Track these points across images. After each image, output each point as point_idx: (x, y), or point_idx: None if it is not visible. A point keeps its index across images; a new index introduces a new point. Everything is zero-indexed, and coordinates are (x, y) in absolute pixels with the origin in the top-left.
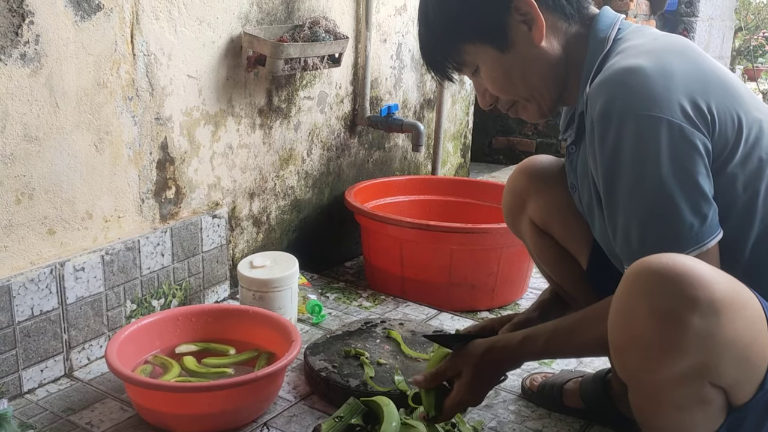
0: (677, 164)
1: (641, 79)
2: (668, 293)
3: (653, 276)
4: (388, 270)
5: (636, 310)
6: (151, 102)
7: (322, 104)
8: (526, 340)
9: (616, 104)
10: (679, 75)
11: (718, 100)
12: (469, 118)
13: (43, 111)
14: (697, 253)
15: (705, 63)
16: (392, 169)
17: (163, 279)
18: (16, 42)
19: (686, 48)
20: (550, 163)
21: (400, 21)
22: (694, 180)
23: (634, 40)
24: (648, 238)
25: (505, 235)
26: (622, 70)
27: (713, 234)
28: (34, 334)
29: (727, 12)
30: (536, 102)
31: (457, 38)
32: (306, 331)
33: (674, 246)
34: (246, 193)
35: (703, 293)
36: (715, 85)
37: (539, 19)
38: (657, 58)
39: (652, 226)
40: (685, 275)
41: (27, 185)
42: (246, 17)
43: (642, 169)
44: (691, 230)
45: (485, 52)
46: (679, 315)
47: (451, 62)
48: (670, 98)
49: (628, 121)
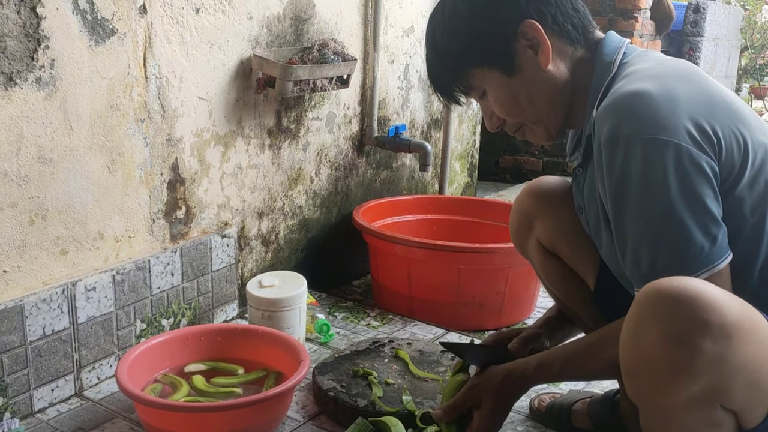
0: (685, 187)
1: (647, 103)
2: (680, 317)
3: (665, 299)
4: (395, 289)
5: (647, 333)
6: (163, 124)
7: (331, 125)
8: (541, 366)
9: (623, 128)
10: (685, 99)
11: (723, 123)
12: (476, 137)
13: (57, 133)
14: (707, 275)
15: (710, 86)
16: (400, 188)
17: (173, 298)
18: (32, 66)
19: (691, 72)
20: (557, 184)
21: (407, 42)
22: (703, 202)
23: (640, 64)
24: (658, 260)
25: (512, 254)
26: (628, 94)
27: (723, 255)
28: (46, 354)
29: (732, 31)
30: (543, 125)
31: (465, 62)
32: (314, 351)
33: (685, 268)
34: (255, 213)
35: (715, 317)
36: (720, 108)
37: (545, 43)
38: (662, 82)
39: (662, 249)
40: (697, 298)
41: (41, 206)
42: (256, 40)
43: (650, 193)
44: (701, 252)
45: (492, 76)
46: (691, 339)
47: (458, 86)
48: (676, 122)
49: (635, 145)
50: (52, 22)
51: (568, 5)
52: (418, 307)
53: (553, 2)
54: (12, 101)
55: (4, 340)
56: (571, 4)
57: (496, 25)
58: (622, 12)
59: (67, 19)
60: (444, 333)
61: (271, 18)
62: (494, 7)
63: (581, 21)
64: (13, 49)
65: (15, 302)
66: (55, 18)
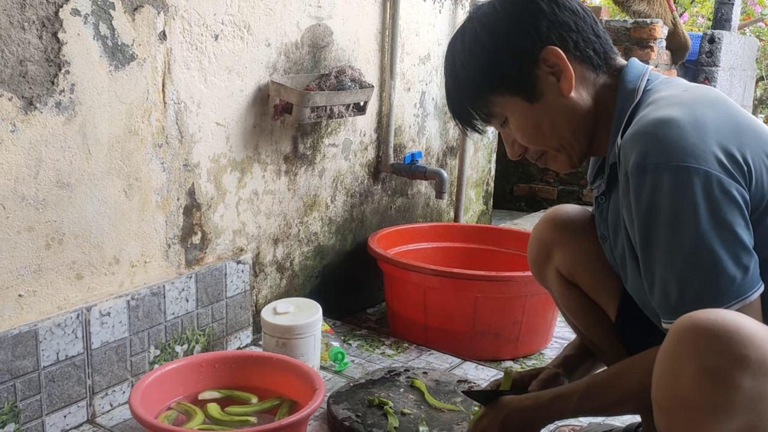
0: (715, 215)
1: (675, 131)
2: (718, 351)
3: (702, 333)
4: (411, 317)
5: (683, 369)
6: (180, 149)
7: (347, 151)
8: (557, 398)
9: (651, 156)
10: (713, 126)
11: (753, 150)
12: (492, 165)
13: (75, 158)
14: (739, 306)
15: (737, 113)
16: (415, 215)
17: (187, 324)
18: (52, 91)
19: (717, 98)
20: (577, 212)
21: (423, 70)
22: (734, 231)
23: (665, 91)
24: (688, 291)
25: (529, 283)
26: (655, 121)
27: (755, 286)
28: (59, 380)
29: (747, 62)
30: (566, 152)
31: (486, 90)
32: (329, 379)
33: (716, 299)
34: (270, 239)
35: (755, 352)
36: (748, 135)
37: (568, 70)
38: (689, 109)
39: (692, 280)
40: (736, 333)
41: (57, 230)
42: (274, 66)
43: (679, 222)
44: (733, 283)
45: (514, 103)
46: (729, 374)
47: (479, 113)
48: (705, 149)
49: (663, 173)
50: (73, 48)
51: (589, 31)
52: (434, 336)
53: (575, 28)
54: (31, 125)
55: (18, 365)
56: (592, 30)
57: (517, 51)
58: (638, 41)
59: (88, 45)
60: (460, 362)
61: (289, 45)
62: (515, 33)
63: (603, 47)
64: (34, 74)
65: (29, 327)
66: (76, 43)
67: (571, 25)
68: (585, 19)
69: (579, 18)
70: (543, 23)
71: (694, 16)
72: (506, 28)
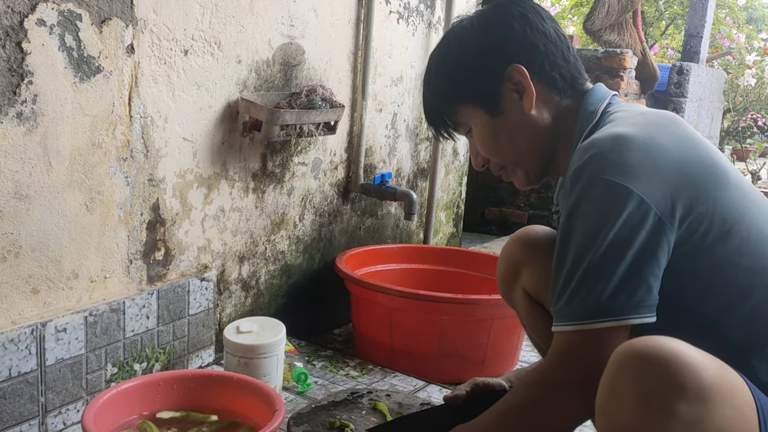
0: (630, 237)
1: (622, 148)
2: (655, 379)
3: (640, 360)
4: (376, 339)
5: (622, 396)
6: (145, 163)
7: (316, 170)
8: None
9: (592, 165)
10: (661, 151)
11: (695, 184)
12: (462, 188)
13: (35, 169)
14: (612, 325)
15: (689, 140)
16: (384, 236)
17: (147, 342)
18: (14, 101)
19: (671, 123)
20: (545, 233)
21: (396, 91)
22: (640, 259)
23: (622, 112)
24: (576, 296)
25: (496, 306)
26: (606, 136)
27: (640, 314)
28: (10, 397)
29: (715, 93)
30: (523, 168)
31: (453, 99)
32: (291, 400)
33: (596, 309)
34: (236, 257)
35: (691, 379)
36: (695, 166)
37: (530, 89)
38: (643, 129)
39: (584, 286)
40: (673, 360)
41: (14, 243)
42: (244, 83)
43: (596, 230)
44: (616, 300)
45: (477, 114)
46: (666, 401)
47: (447, 121)
48: (645, 175)
49: (597, 182)
50: (37, 58)
51: (558, 55)
52: (399, 358)
53: (543, 51)
54: None
55: None
56: (562, 54)
57: (484, 65)
58: (608, 70)
59: (53, 56)
60: (424, 385)
61: (260, 62)
62: (484, 48)
63: (570, 72)
64: None
65: None
66: (40, 54)
67: (540, 48)
68: (556, 44)
69: (550, 41)
70: (512, 42)
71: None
72: (477, 43)
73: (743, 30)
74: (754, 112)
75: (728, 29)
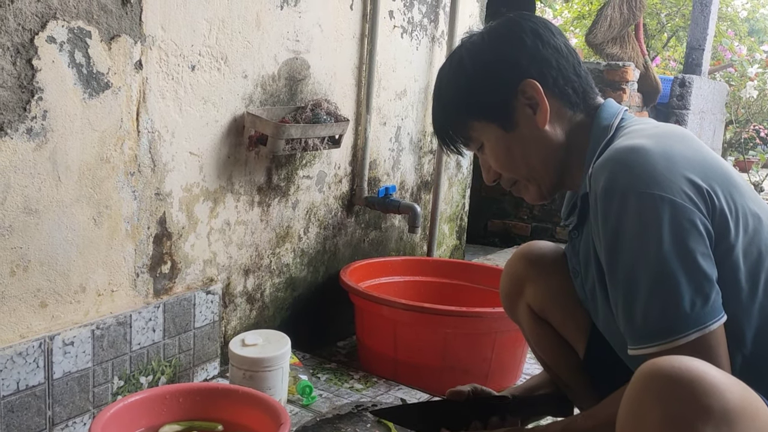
0: (678, 244)
1: (644, 159)
2: (681, 399)
3: (666, 380)
4: (381, 351)
5: (647, 416)
6: (152, 178)
7: (321, 183)
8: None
9: (619, 181)
10: (681, 157)
11: (717, 184)
12: (466, 200)
13: (44, 184)
14: (699, 335)
15: (705, 150)
16: (388, 249)
17: (153, 355)
18: (24, 117)
19: (686, 136)
20: (550, 249)
21: (400, 105)
22: (696, 259)
23: (637, 126)
24: (650, 316)
25: (500, 319)
26: (625, 148)
27: (716, 316)
28: (18, 410)
29: (717, 106)
30: (536, 183)
31: (465, 115)
32: (295, 413)
33: (675, 325)
34: (241, 270)
35: (717, 402)
36: (715, 171)
37: (544, 104)
38: (659, 140)
39: (654, 305)
40: (699, 382)
41: (23, 257)
42: (250, 98)
43: (643, 247)
44: (693, 310)
45: (490, 129)
46: (691, 423)
47: (458, 137)
48: (672, 178)
49: (630, 197)
50: (47, 75)
51: (570, 70)
52: (403, 371)
53: (555, 65)
54: (1, 151)
55: None
56: (573, 69)
57: (497, 81)
58: (610, 83)
59: (62, 72)
60: (429, 398)
61: (266, 77)
62: (497, 64)
63: (582, 86)
64: (6, 100)
65: None
66: (50, 70)
67: (552, 62)
68: (567, 58)
69: (561, 56)
70: (524, 57)
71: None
72: (489, 58)
73: (745, 42)
74: (756, 124)
75: (730, 41)
